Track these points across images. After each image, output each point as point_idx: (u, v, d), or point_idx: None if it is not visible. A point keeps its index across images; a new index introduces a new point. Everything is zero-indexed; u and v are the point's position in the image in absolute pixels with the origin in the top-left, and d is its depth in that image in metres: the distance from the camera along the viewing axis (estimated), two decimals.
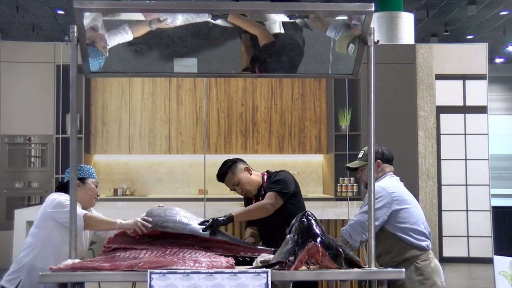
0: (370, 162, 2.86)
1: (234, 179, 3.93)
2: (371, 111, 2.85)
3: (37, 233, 3.67)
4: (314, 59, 3.40)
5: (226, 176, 3.94)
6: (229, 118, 8.65)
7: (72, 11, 2.75)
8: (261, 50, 3.25)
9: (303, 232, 2.79)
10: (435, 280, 3.55)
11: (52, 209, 3.61)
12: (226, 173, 3.94)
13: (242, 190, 3.95)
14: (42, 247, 3.62)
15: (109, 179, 8.75)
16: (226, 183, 3.98)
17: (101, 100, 8.58)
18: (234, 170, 3.94)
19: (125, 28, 3.08)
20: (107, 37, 3.10)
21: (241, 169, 3.95)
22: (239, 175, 3.92)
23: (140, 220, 3.44)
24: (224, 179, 3.96)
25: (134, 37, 3.11)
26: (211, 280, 2.51)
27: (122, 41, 3.11)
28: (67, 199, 3.57)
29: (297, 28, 3.23)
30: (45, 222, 3.65)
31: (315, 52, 3.35)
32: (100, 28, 3.03)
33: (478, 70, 7.65)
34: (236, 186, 3.95)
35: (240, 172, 3.94)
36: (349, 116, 8.13)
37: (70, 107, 2.90)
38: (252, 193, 3.99)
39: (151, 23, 3.07)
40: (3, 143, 7.36)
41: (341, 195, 8.08)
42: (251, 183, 3.95)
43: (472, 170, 7.58)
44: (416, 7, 12.88)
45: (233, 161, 3.99)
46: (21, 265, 3.63)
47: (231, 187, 3.99)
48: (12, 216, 6.27)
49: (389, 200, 3.54)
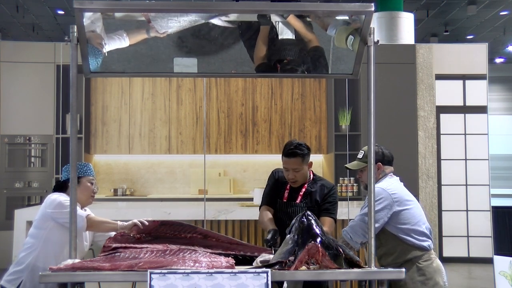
0: (370, 163, 2.86)
1: (299, 165, 3.91)
2: (371, 111, 2.84)
3: (37, 233, 3.67)
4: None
5: (297, 158, 3.90)
6: (229, 118, 8.65)
7: (72, 11, 2.75)
8: (308, 52, 3.28)
9: (303, 232, 2.79)
10: (437, 280, 3.54)
11: (52, 209, 3.61)
12: (299, 155, 3.90)
13: (295, 177, 3.93)
14: (43, 247, 3.62)
15: (109, 179, 8.74)
16: (288, 162, 3.92)
17: (101, 100, 8.58)
18: (306, 158, 3.94)
19: (123, 34, 3.09)
20: (104, 38, 3.10)
21: (307, 161, 3.97)
22: (304, 165, 3.94)
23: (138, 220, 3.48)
24: (294, 158, 3.90)
25: (130, 43, 3.12)
26: (211, 280, 2.51)
27: (118, 46, 3.12)
28: (67, 199, 3.57)
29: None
30: (45, 223, 3.65)
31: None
32: (98, 27, 3.03)
33: (478, 70, 7.64)
34: (294, 172, 3.92)
35: (306, 163, 3.96)
36: (349, 116, 8.13)
37: (70, 107, 2.90)
38: (297, 185, 4.00)
39: (148, 31, 3.08)
40: (3, 143, 7.36)
41: (341, 195, 8.06)
42: (305, 177, 3.98)
43: (472, 170, 7.57)
44: (416, 7, 12.87)
45: (309, 149, 3.98)
46: (22, 266, 3.62)
47: (289, 168, 3.93)
48: (12, 216, 6.27)
49: (389, 201, 3.53)
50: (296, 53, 3.32)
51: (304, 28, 3.21)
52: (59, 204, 3.60)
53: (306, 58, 3.33)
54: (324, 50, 3.28)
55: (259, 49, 3.29)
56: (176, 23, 3.06)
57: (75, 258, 2.85)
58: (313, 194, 3.98)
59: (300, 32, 3.22)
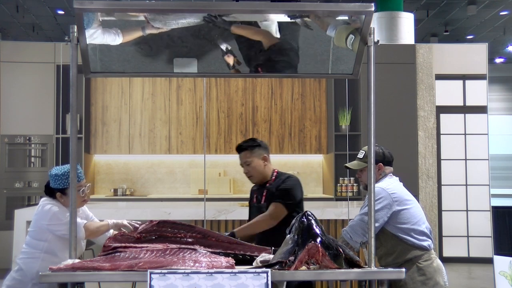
0: (370, 163, 2.85)
1: (248, 158, 3.96)
2: (371, 111, 2.84)
3: (36, 244, 3.66)
4: (314, 59, 3.39)
5: (244, 152, 3.97)
6: (229, 118, 8.66)
7: (72, 11, 2.75)
8: (267, 50, 3.25)
9: (303, 232, 2.79)
10: (437, 280, 3.54)
11: (48, 222, 3.61)
12: (246, 148, 3.97)
13: (248, 172, 3.98)
14: (45, 257, 3.62)
15: (109, 179, 8.75)
16: (240, 157, 4.01)
17: (101, 100, 8.58)
18: (254, 151, 3.97)
19: (117, 30, 3.07)
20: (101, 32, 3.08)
21: (259, 154, 3.98)
22: (254, 158, 3.96)
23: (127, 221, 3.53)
24: (241, 152, 3.99)
25: (123, 41, 3.10)
26: (211, 280, 2.51)
27: (110, 42, 3.09)
28: (60, 210, 3.59)
29: (297, 27, 3.23)
30: (44, 234, 3.64)
31: (315, 52, 3.35)
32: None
33: (478, 70, 7.65)
34: (246, 165, 3.98)
35: (257, 156, 3.97)
36: (349, 116, 8.13)
37: (70, 107, 2.90)
38: (254, 181, 4.04)
39: (144, 28, 3.07)
40: (3, 143, 7.36)
41: (341, 195, 8.08)
42: (260, 171, 3.98)
43: (472, 170, 7.58)
44: (416, 7, 12.87)
45: (259, 143, 4.02)
46: (25, 275, 3.62)
47: (241, 163, 4.01)
48: (12, 216, 6.27)
49: (389, 201, 3.52)
50: (277, 53, 3.30)
51: (252, 32, 3.18)
52: (54, 217, 3.59)
53: (265, 57, 3.30)
54: (280, 44, 3.25)
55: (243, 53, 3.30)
56: (175, 24, 3.06)
57: (75, 258, 2.85)
58: (273, 191, 3.99)
59: (252, 38, 3.20)
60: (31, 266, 3.61)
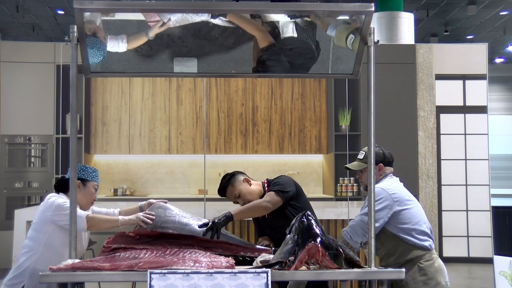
0: (370, 163, 2.85)
1: (235, 192, 3.96)
2: (371, 111, 2.85)
3: (36, 237, 3.63)
4: None
5: (227, 190, 3.98)
6: (229, 118, 8.65)
7: (72, 11, 2.75)
8: (262, 51, 3.25)
9: (303, 232, 2.79)
10: (439, 280, 3.54)
11: (52, 212, 3.58)
12: (226, 186, 3.98)
13: (244, 202, 3.95)
14: (43, 251, 3.59)
15: (109, 179, 8.74)
16: (227, 196, 4.01)
17: (101, 100, 8.58)
18: (233, 183, 3.97)
19: (123, 38, 3.08)
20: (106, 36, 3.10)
21: (240, 181, 3.98)
22: (239, 187, 3.96)
23: (142, 215, 3.44)
24: (225, 193, 3.99)
25: (128, 49, 3.12)
26: (211, 280, 2.51)
27: (115, 49, 3.11)
28: (66, 201, 3.55)
29: (301, 28, 3.22)
30: (45, 226, 3.61)
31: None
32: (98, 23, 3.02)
33: (478, 70, 7.64)
34: (237, 199, 3.98)
35: (240, 184, 3.97)
36: (349, 116, 8.13)
37: (70, 107, 2.90)
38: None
39: (147, 32, 3.07)
40: (3, 143, 7.36)
41: (341, 195, 8.07)
42: (251, 193, 3.97)
43: (472, 170, 7.57)
44: (416, 7, 12.88)
45: (232, 174, 4.03)
46: (22, 270, 3.60)
47: (233, 200, 4.02)
48: (12, 216, 6.27)
49: (390, 201, 3.52)
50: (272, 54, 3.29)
51: (249, 26, 3.16)
52: (58, 207, 3.57)
53: (261, 58, 3.29)
54: (277, 45, 3.23)
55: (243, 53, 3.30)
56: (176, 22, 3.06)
57: (75, 258, 2.85)
58: None
59: (247, 30, 3.19)
60: (28, 261, 3.60)
